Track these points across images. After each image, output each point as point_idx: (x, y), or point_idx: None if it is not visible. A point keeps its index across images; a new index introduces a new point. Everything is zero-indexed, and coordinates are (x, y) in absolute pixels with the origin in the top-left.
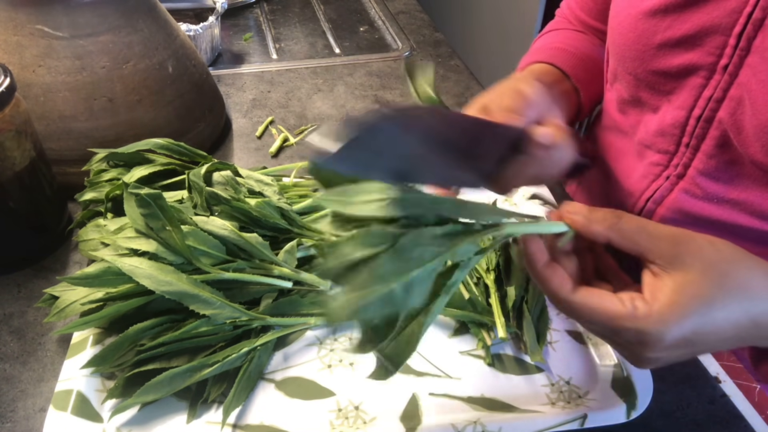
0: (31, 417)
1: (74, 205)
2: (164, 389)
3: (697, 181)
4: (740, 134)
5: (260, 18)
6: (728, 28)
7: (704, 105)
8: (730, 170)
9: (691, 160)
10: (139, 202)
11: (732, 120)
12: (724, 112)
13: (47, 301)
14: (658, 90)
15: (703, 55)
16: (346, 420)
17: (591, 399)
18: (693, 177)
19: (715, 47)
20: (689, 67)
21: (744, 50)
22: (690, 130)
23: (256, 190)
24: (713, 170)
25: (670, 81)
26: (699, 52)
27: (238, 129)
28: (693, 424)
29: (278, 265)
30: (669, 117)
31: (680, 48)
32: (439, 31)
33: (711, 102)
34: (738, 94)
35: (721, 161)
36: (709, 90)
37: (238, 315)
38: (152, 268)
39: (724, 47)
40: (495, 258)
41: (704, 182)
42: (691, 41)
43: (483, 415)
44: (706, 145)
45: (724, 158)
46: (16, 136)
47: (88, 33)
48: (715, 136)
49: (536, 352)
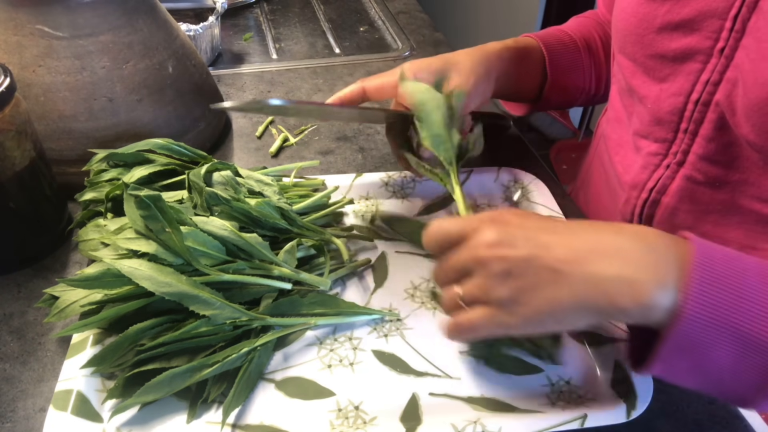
0: (31, 417)
1: (74, 205)
2: (164, 389)
3: (698, 166)
4: (734, 115)
5: (260, 18)
6: (725, 11)
7: (702, 89)
8: (729, 152)
9: (690, 145)
10: (138, 204)
11: (727, 102)
12: (720, 94)
13: (47, 301)
14: (654, 77)
15: (700, 39)
16: (346, 420)
17: (591, 399)
18: (693, 163)
19: (712, 31)
20: (687, 51)
21: (739, 32)
22: (688, 115)
23: (256, 190)
24: (713, 154)
25: (667, 65)
26: (697, 36)
27: (238, 129)
28: (693, 424)
29: (278, 265)
30: (666, 104)
31: (679, 32)
32: (439, 31)
33: (708, 85)
34: (734, 76)
35: (720, 144)
36: (707, 74)
37: (238, 315)
38: (152, 269)
39: (720, 30)
40: None
41: (705, 167)
42: (689, 25)
43: (483, 415)
44: (705, 129)
45: (723, 141)
46: (16, 136)
47: (88, 33)
48: (713, 119)
49: (555, 356)
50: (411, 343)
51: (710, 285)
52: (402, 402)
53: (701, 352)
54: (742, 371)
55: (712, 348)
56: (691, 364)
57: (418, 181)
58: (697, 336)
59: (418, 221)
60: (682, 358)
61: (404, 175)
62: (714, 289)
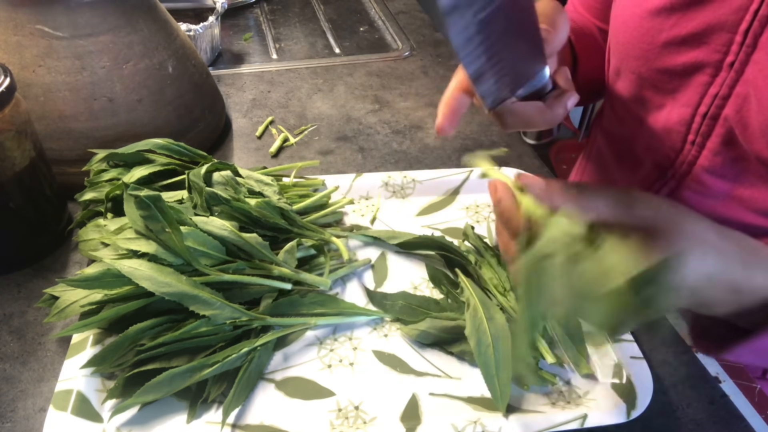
0: (31, 417)
1: (74, 205)
2: (164, 389)
3: (703, 178)
4: (746, 131)
5: (260, 18)
6: (734, 25)
7: (710, 102)
8: (736, 167)
9: (696, 157)
10: (138, 204)
11: (738, 117)
12: (730, 109)
13: (47, 301)
14: (662, 89)
15: (709, 53)
16: (346, 420)
17: (591, 399)
18: (698, 175)
19: (721, 44)
20: (695, 65)
21: (750, 47)
22: (696, 127)
23: (256, 190)
24: (719, 167)
25: (675, 79)
26: (705, 49)
27: (238, 129)
28: (693, 424)
29: (278, 265)
30: (674, 115)
31: (686, 46)
32: (439, 31)
33: (717, 99)
34: (744, 91)
35: (727, 158)
36: (715, 87)
37: (238, 315)
38: (152, 269)
39: (730, 44)
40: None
41: (710, 180)
42: (696, 39)
43: (483, 415)
44: (712, 143)
45: (730, 155)
46: (16, 136)
47: (88, 33)
48: (721, 133)
49: (583, 366)
50: (411, 343)
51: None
52: (402, 402)
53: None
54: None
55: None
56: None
57: (418, 181)
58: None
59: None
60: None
61: (404, 175)
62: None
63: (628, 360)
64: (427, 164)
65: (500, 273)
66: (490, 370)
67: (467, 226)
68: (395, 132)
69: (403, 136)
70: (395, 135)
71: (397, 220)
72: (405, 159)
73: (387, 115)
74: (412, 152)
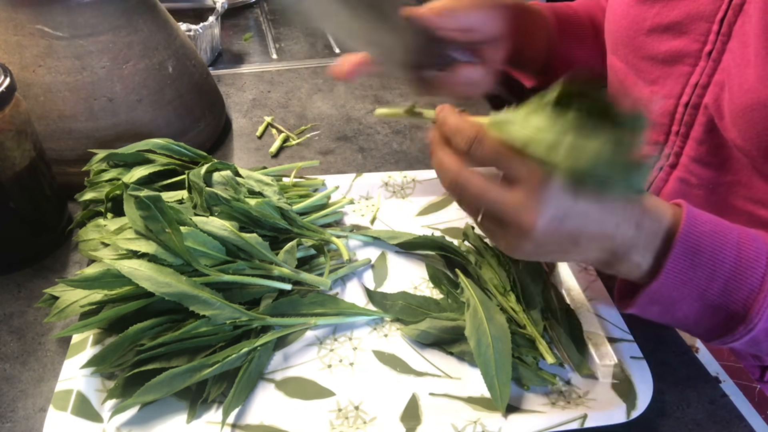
0: (31, 417)
1: (74, 205)
2: (164, 389)
3: (691, 168)
4: (722, 119)
5: (260, 18)
6: (712, 14)
7: (691, 92)
8: (720, 154)
9: (682, 148)
10: (138, 204)
11: (715, 105)
12: (709, 97)
13: (47, 301)
14: (645, 79)
15: (689, 42)
16: (346, 420)
17: (591, 399)
18: (686, 165)
19: (700, 34)
20: (676, 54)
21: (726, 35)
22: (679, 117)
23: (256, 190)
24: (705, 156)
25: (657, 68)
26: (686, 38)
27: (238, 129)
28: (693, 424)
29: (278, 265)
30: (658, 106)
31: (668, 34)
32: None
33: (697, 88)
34: (721, 79)
35: (711, 146)
36: (696, 76)
37: (238, 315)
38: (152, 269)
39: (708, 34)
40: (508, 275)
41: (697, 169)
42: (678, 28)
43: (483, 415)
44: (696, 132)
45: (714, 143)
46: (16, 136)
47: (88, 33)
48: (703, 122)
49: (583, 366)
50: (411, 343)
51: (685, 258)
52: (402, 402)
53: (669, 305)
54: (702, 322)
55: (678, 303)
56: (661, 311)
57: (418, 181)
58: (668, 293)
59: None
60: (654, 305)
61: (404, 175)
62: (688, 262)
63: (628, 360)
64: (427, 164)
65: (500, 273)
66: (490, 370)
67: (467, 226)
68: (395, 132)
69: (403, 136)
70: (395, 135)
71: (397, 220)
72: (405, 159)
73: None
74: (412, 152)
